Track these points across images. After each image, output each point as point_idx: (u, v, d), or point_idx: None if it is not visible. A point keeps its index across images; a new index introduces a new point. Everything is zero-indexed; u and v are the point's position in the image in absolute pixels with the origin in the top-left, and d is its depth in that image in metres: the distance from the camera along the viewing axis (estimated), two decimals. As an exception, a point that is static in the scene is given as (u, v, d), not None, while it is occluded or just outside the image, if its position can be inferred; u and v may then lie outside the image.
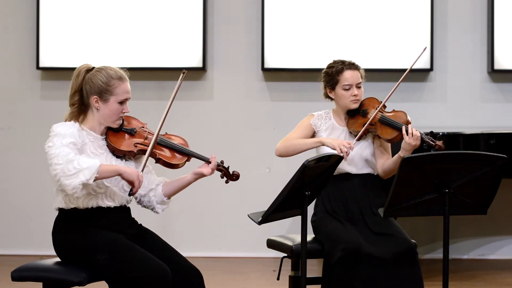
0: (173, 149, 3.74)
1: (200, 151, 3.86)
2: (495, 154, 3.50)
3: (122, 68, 3.75)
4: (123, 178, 3.54)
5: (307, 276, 3.70)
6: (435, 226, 6.69)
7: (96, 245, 3.56)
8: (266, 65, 6.73)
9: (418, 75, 6.75)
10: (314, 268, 6.00)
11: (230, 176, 3.82)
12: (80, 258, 3.59)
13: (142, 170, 3.64)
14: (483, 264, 6.61)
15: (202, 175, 3.77)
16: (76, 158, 3.44)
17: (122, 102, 3.66)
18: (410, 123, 4.28)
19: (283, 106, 6.79)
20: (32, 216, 6.82)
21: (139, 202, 3.86)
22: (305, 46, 6.69)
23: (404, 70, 6.66)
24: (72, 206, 3.61)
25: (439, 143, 4.16)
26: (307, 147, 4.31)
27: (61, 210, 3.66)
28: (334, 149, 4.16)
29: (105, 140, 3.68)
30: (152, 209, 3.85)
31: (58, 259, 3.70)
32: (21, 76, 6.87)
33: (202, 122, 6.82)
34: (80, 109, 3.67)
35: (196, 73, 6.79)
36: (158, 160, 3.71)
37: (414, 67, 6.59)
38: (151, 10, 6.73)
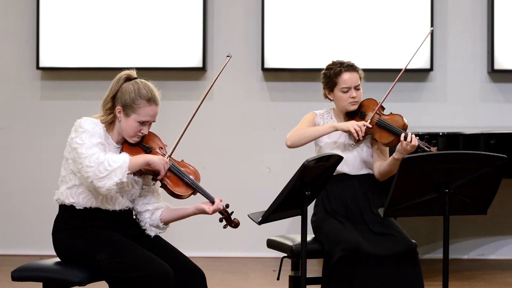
0: (182, 179, 3.68)
1: (200, 151, 3.85)
2: (495, 154, 3.50)
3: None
4: (150, 167, 3.54)
5: (307, 276, 3.70)
6: (435, 226, 6.69)
7: (96, 245, 3.55)
8: (266, 65, 6.73)
9: (418, 75, 6.75)
10: (314, 268, 6.00)
11: (230, 222, 3.74)
12: (80, 258, 3.58)
13: (171, 154, 3.63)
14: (483, 264, 6.60)
15: (203, 211, 3.72)
16: (106, 158, 3.45)
17: (143, 123, 3.63)
18: (407, 126, 4.28)
19: (283, 106, 6.79)
20: (32, 216, 6.82)
21: (136, 217, 3.83)
22: (305, 46, 6.69)
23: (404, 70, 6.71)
24: (72, 201, 3.60)
25: (433, 149, 4.16)
26: (321, 134, 4.28)
27: (60, 208, 3.66)
28: (349, 131, 4.18)
29: (120, 150, 3.67)
30: (144, 230, 3.77)
31: (58, 259, 3.70)
32: (21, 76, 6.87)
33: (202, 122, 6.81)
34: (112, 119, 3.66)
35: (196, 73, 6.79)
36: (162, 185, 3.66)
37: (414, 67, 6.65)
38: (151, 10, 6.73)
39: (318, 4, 6.69)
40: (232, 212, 3.76)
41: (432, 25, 6.63)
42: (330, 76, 4.33)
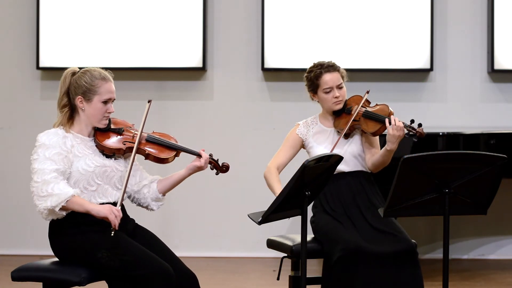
0: (161, 144, 3.77)
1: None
2: (495, 154, 3.50)
3: (107, 69, 3.77)
4: (94, 217, 3.51)
5: (307, 276, 3.70)
6: (435, 226, 6.69)
7: (96, 243, 3.54)
8: (266, 65, 6.74)
9: (418, 75, 6.75)
10: (314, 268, 6.00)
11: (220, 168, 3.86)
12: (80, 257, 3.58)
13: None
14: (483, 264, 6.60)
15: (196, 168, 3.79)
16: (54, 181, 3.48)
17: (106, 102, 3.69)
18: (392, 114, 4.30)
19: (283, 106, 6.79)
20: (32, 216, 6.80)
21: (133, 201, 3.85)
22: (305, 46, 6.69)
23: (404, 70, 6.71)
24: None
25: (420, 129, 4.20)
26: (274, 192, 4.25)
27: (55, 210, 3.67)
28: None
29: (94, 141, 3.70)
30: (146, 207, 3.85)
31: (58, 259, 3.70)
32: (21, 76, 6.87)
33: (202, 122, 6.82)
34: (70, 113, 3.70)
35: (196, 73, 6.80)
36: (147, 156, 3.74)
37: (414, 67, 6.66)
38: (151, 10, 6.73)
39: (318, 4, 6.69)
40: (218, 159, 3.85)
41: (432, 25, 6.63)
42: (311, 79, 4.38)
